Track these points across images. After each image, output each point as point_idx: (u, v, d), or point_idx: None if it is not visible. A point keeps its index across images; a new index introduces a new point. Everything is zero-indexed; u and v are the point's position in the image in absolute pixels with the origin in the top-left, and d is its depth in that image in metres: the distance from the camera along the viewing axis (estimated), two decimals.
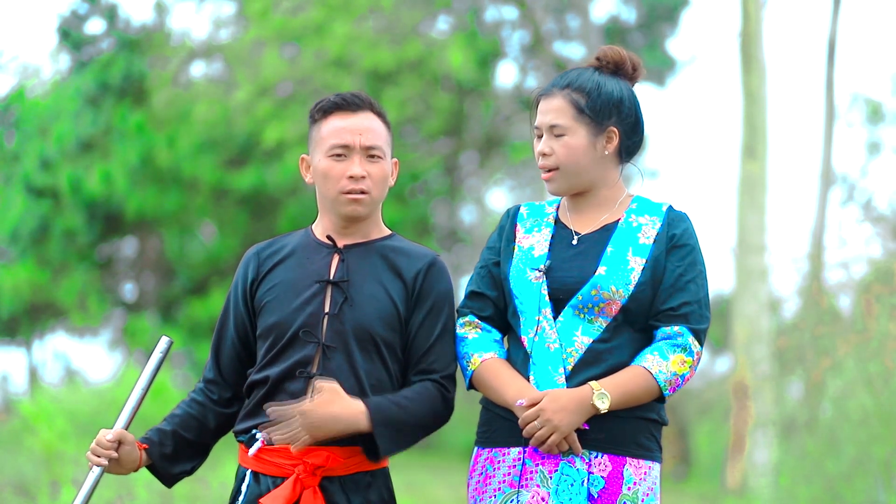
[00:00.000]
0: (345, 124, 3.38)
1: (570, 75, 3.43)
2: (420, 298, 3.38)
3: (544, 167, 3.41)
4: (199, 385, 3.50)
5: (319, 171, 3.39)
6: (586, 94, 3.38)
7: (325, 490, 3.29)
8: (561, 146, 3.38)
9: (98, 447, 3.34)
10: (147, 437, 3.41)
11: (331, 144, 3.37)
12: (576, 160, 3.37)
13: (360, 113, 3.40)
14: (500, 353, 3.41)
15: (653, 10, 20.57)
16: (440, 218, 21.87)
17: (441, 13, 18.10)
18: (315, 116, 3.42)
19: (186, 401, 3.48)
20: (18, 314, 20.24)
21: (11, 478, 9.71)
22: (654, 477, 3.36)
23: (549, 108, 3.40)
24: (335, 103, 3.40)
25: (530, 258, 3.40)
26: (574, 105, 3.38)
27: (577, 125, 3.38)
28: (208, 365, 3.50)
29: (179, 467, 3.44)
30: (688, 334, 3.32)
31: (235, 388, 3.47)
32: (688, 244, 3.38)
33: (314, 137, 3.42)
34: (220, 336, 3.48)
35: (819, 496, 8.04)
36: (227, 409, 3.47)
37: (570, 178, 3.40)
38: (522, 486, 3.32)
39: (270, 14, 16.87)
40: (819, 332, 8.74)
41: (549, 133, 3.40)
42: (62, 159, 19.23)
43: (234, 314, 3.45)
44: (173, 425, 3.43)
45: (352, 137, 3.37)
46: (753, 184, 12.70)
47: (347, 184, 3.36)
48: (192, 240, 20.36)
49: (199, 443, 3.46)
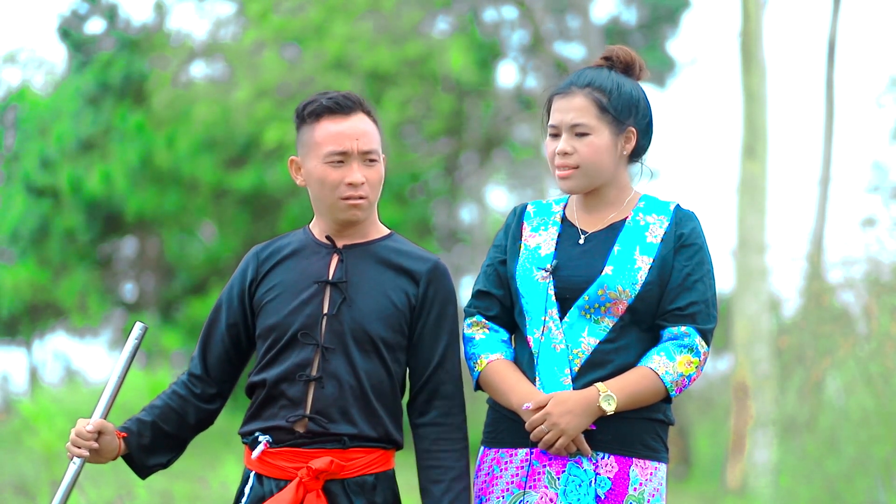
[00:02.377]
0: (340, 129, 3.33)
1: (588, 74, 3.39)
2: (425, 302, 3.36)
3: (565, 165, 3.36)
4: (183, 378, 3.46)
5: (315, 176, 3.34)
6: (608, 93, 3.35)
7: (328, 493, 3.28)
8: (585, 145, 3.34)
9: (78, 438, 3.31)
10: (126, 427, 3.38)
11: (328, 151, 3.32)
12: (599, 159, 3.35)
13: (353, 115, 3.35)
14: (507, 353, 3.40)
15: (654, 12, 20.58)
16: (440, 218, 21.85)
17: (441, 13, 18.09)
18: (305, 118, 3.37)
19: (167, 392, 3.45)
20: (18, 314, 20.25)
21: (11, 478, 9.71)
22: (661, 478, 3.36)
23: (569, 106, 3.36)
24: (327, 107, 3.34)
25: (537, 257, 3.39)
26: (597, 104, 3.35)
27: (601, 124, 3.35)
28: (195, 360, 3.46)
29: (155, 459, 3.42)
30: (695, 334, 3.31)
31: (220, 385, 3.45)
32: (696, 243, 3.36)
33: (306, 141, 3.36)
34: (209, 332, 3.45)
35: (819, 496, 8.03)
36: (208, 406, 3.44)
37: (589, 177, 3.37)
38: (530, 488, 3.31)
39: (270, 15, 16.86)
40: (819, 331, 8.73)
41: (570, 132, 3.36)
42: (62, 159, 19.23)
43: (227, 313, 3.43)
44: (153, 416, 3.40)
45: (350, 143, 3.32)
46: (753, 184, 12.70)
47: (346, 190, 3.32)
48: (192, 240, 20.35)
49: (176, 436, 3.43)
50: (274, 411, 3.33)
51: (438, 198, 21.12)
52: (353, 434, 3.29)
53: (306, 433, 3.30)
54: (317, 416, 3.29)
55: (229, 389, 3.51)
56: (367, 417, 3.31)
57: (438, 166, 19.30)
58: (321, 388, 3.29)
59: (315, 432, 3.29)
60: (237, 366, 3.46)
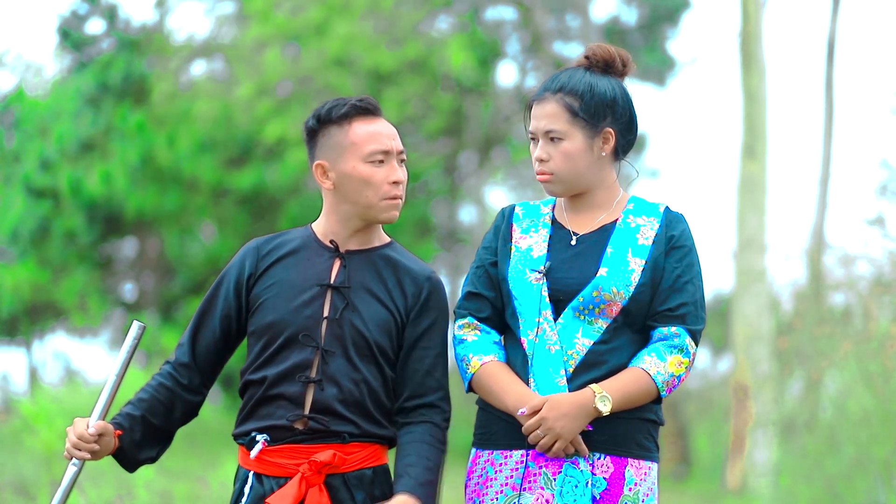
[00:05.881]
0: (377, 129, 3.36)
1: (562, 78, 3.39)
2: (421, 312, 3.37)
3: (541, 172, 3.39)
4: (167, 368, 3.44)
5: (357, 177, 3.33)
6: (579, 96, 3.35)
7: (329, 487, 3.29)
8: (558, 152, 3.35)
9: (80, 441, 3.31)
10: (119, 423, 3.37)
11: (372, 150, 3.33)
12: (573, 165, 3.36)
13: (380, 117, 3.39)
14: (499, 355, 3.40)
15: (654, 11, 20.58)
16: (440, 218, 21.85)
17: (441, 13, 18.09)
18: (333, 121, 3.36)
19: (153, 384, 3.43)
20: (18, 314, 20.23)
21: (11, 478, 9.70)
22: (654, 477, 3.37)
23: (543, 113, 3.37)
24: (360, 108, 3.36)
25: (529, 259, 3.39)
26: (568, 109, 3.35)
27: (573, 129, 3.35)
28: (182, 347, 3.44)
29: (145, 453, 3.41)
30: (685, 335, 3.32)
31: (205, 376, 3.44)
32: (685, 245, 3.37)
33: (338, 142, 3.35)
34: (199, 322, 3.44)
35: (819, 496, 8.04)
36: (194, 397, 3.43)
37: (567, 182, 3.38)
38: (525, 489, 3.32)
39: (271, 13, 16.87)
40: (819, 332, 8.73)
41: (545, 138, 3.37)
42: (62, 159, 19.22)
43: (221, 304, 3.42)
44: (142, 410, 3.39)
45: (390, 142, 3.35)
46: (753, 184, 12.71)
47: (391, 189, 3.34)
48: (192, 240, 20.35)
49: (164, 429, 3.42)
50: (270, 410, 3.33)
51: (438, 197, 21.13)
52: (353, 432, 3.31)
53: (307, 430, 3.31)
54: (317, 415, 3.30)
55: (212, 381, 3.50)
56: (364, 417, 3.32)
57: (438, 166, 19.31)
58: (321, 390, 3.30)
59: (316, 429, 3.30)
60: (223, 358, 3.46)
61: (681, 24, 20.98)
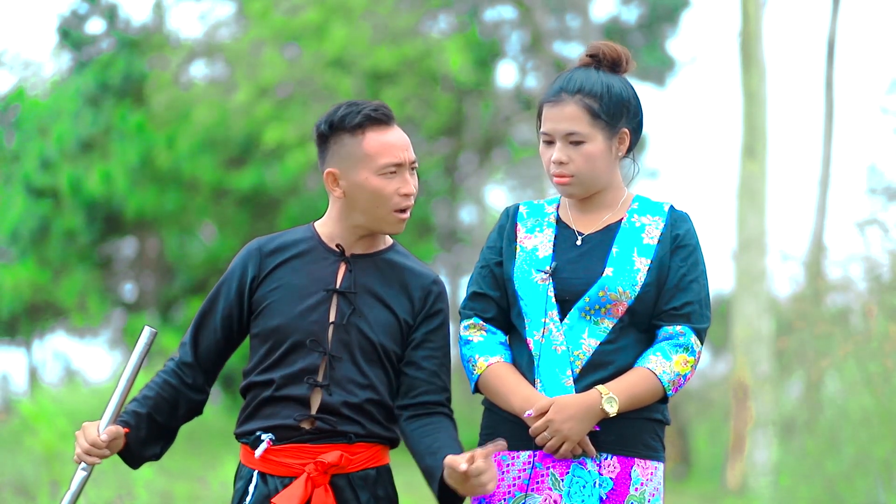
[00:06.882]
0: (391, 140, 3.32)
1: (577, 79, 3.36)
2: (428, 315, 3.37)
3: (561, 174, 3.35)
4: (171, 366, 3.45)
5: (369, 189, 3.31)
6: (598, 97, 3.33)
7: (334, 487, 3.30)
8: (580, 154, 3.32)
9: (93, 448, 3.31)
10: (126, 422, 3.37)
11: (385, 163, 3.30)
12: (594, 167, 3.34)
13: (393, 125, 3.35)
14: (505, 356, 3.40)
15: (653, 11, 20.58)
16: (440, 218, 21.85)
17: (440, 13, 18.09)
18: (346, 129, 3.32)
19: (158, 382, 3.43)
20: (18, 314, 20.23)
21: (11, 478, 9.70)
22: (660, 477, 3.37)
23: (562, 115, 3.33)
24: (373, 118, 3.32)
25: (535, 259, 3.38)
26: (588, 111, 3.32)
27: (594, 131, 3.33)
28: (185, 347, 3.44)
29: (150, 451, 3.42)
30: (690, 334, 3.32)
31: (208, 374, 3.45)
32: (690, 244, 3.37)
33: (351, 152, 3.32)
34: (202, 322, 3.44)
35: (819, 496, 8.03)
36: (198, 395, 3.44)
37: (587, 184, 3.36)
38: (532, 490, 3.32)
39: (270, 14, 16.86)
40: (819, 332, 8.73)
41: (564, 140, 3.34)
42: (62, 159, 19.22)
43: (223, 306, 3.41)
44: (147, 408, 3.40)
45: (402, 154, 3.32)
46: (753, 184, 12.70)
47: (401, 201, 3.33)
48: (191, 240, 20.34)
49: (168, 427, 3.43)
50: (276, 410, 3.33)
51: (438, 198, 21.11)
52: (359, 432, 3.32)
53: (313, 430, 3.31)
54: (324, 415, 3.30)
55: (213, 380, 3.51)
56: (369, 419, 3.33)
57: (438, 166, 19.29)
58: (328, 395, 3.31)
59: (322, 429, 3.31)
60: (225, 357, 3.46)
61: (680, 23, 20.97)
